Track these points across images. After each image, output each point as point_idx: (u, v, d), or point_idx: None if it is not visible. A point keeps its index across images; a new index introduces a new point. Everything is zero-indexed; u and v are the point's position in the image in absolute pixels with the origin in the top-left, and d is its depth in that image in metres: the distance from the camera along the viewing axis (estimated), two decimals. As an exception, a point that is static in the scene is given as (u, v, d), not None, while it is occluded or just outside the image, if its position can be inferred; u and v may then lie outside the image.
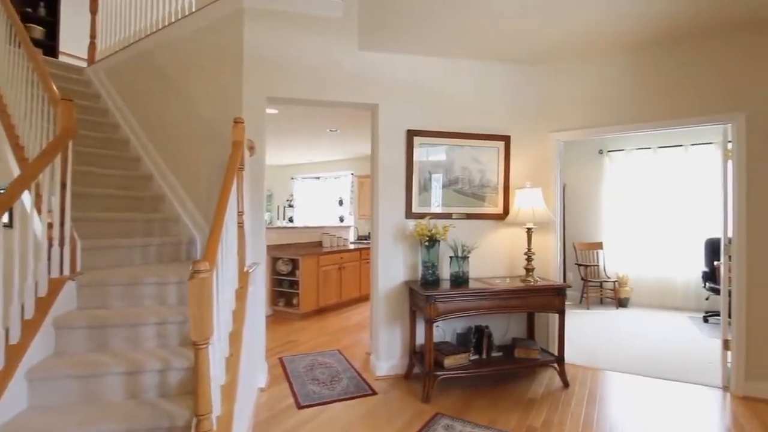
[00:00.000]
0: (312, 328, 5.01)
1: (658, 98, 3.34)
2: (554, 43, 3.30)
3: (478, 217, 3.62)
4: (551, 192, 3.70)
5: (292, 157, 8.72)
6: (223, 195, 2.10)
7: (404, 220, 3.47)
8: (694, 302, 5.93)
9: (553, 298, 3.23)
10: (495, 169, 3.67)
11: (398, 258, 3.47)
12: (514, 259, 3.70)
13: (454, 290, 3.04)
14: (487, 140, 3.64)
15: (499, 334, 3.65)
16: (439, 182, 3.55)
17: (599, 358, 3.89)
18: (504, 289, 3.12)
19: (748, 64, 3.07)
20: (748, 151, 3.06)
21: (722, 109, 3.14)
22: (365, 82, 3.42)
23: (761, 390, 3.00)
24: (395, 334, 3.47)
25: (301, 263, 5.31)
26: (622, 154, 6.49)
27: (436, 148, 3.54)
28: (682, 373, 3.50)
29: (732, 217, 3.16)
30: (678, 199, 6.08)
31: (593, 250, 6.49)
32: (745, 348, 3.06)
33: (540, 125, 3.75)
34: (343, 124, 5.75)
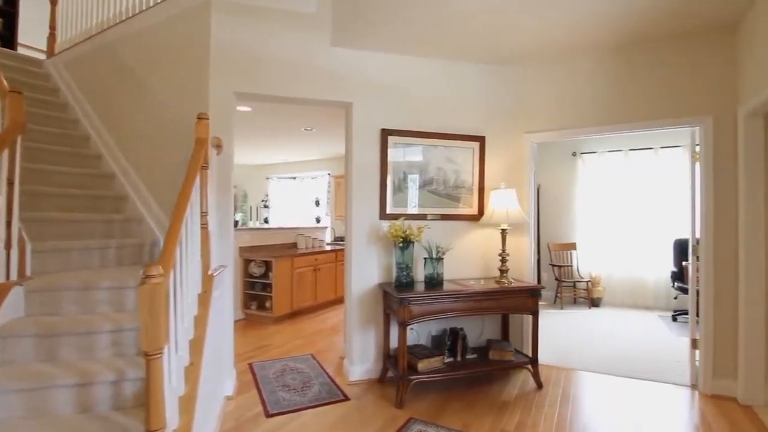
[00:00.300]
0: (285, 331, 4.88)
1: (629, 100, 3.38)
2: (527, 44, 3.30)
3: (452, 218, 3.59)
4: (525, 193, 3.70)
5: (267, 156, 8.55)
6: (183, 194, 1.99)
7: (378, 221, 3.40)
8: (664, 301, 6.08)
9: (527, 299, 3.22)
10: (470, 169, 3.64)
11: (372, 260, 3.40)
12: (488, 261, 3.68)
13: (429, 292, 2.99)
14: (462, 141, 3.61)
15: (474, 335, 3.62)
16: (413, 183, 3.50)
17: (572, 358, 3.92)
18: (478, 290, 3.09)
19: (716, 67, 3.13)
20: (715, 153, 3.12)
21: (691, 111, 3.20)
22: (338, 79, 3.34)
23: (728, 388, 3.06)
24: (369, 338, 3.40)
25: (274, 265, 5.18)
26: (594, 156, 6.60)
27: (411, 148, 3.49)
28: (653, 372, 3.55)
29: (699, 218, 3.22)
30: (648, 201, 6.22)
31: (567, 251, 6.58)
32: (712, 347, 3.12)
33: (514, 126, 3.75)
34: (318, 123, 5.65)
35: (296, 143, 7.10)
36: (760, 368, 2.92)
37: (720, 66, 3.12)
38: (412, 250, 3.21)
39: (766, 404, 2.91)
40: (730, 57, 3.09)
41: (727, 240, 3.08)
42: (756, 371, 2.92)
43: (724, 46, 3.10)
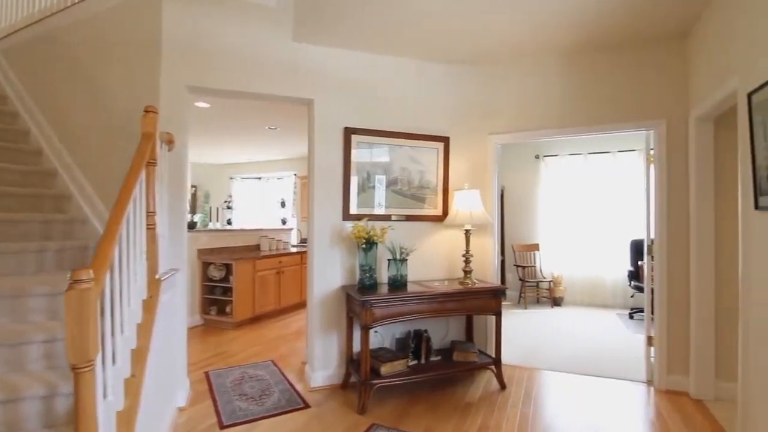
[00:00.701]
0: (246, 337, 4.70)
1: (589, 104, 3.45)
2: (491, 45, 3.31)
3: (417, 219, 3.55)
4: (489, 194, 3.71)
5: (230, 155, 8.28)
6: (124, 191, 1.83)
7: (342, 222, 3.32)
8: (621, 300, 6.29)
9: (491, 300, 3.22)
10: (434, 170, 3.62)
11: (335, 262, 3.30)
12: (453, 262, 3.67)
13: (392, 294, 2.93)
14: (426, 141, 3.58)
15: (439, 337, 3.59)
16: (378, 183, 3.43)
17: (535, 357, 3.96)
18: (442, 292, 3.06)
19: (669, 73, 3.24)
20: (669, 156, 3.23)
21: (646, 115, 3.29)
22: (300, 75, 3.23)
23: (681, 383, 3.16)
24: (331, 342, 3.30)
25: (235, 268, 4.99)
26: (556, 159, 6.76)
27: (375, 147, 3.43)
28: (611, 369, 3.63)
29: (654, 219, 3.31)
30: (606, 203, 6.43)
31: (530, 252, 6.70)
32: (666, 344, 3.21)
33: (479, 127, 3.75)
34: (282, 121, 5.50)
35: (260, 142, 6.90)
36: (710, 365, 3.02)
37: (673, 72, 3.23)
38: (375, 252, 3.15)
39: (715, 398, 3.02)
40: (683, 63, 3.20)
41: (680, 241, 3.19)
42: (706, 367, 3.03)
43: (677, 52, 3.21)
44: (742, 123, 2.22)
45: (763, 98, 1.96)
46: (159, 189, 2.43)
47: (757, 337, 2.11)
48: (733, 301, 3.00)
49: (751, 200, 2.14)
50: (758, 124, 2.02)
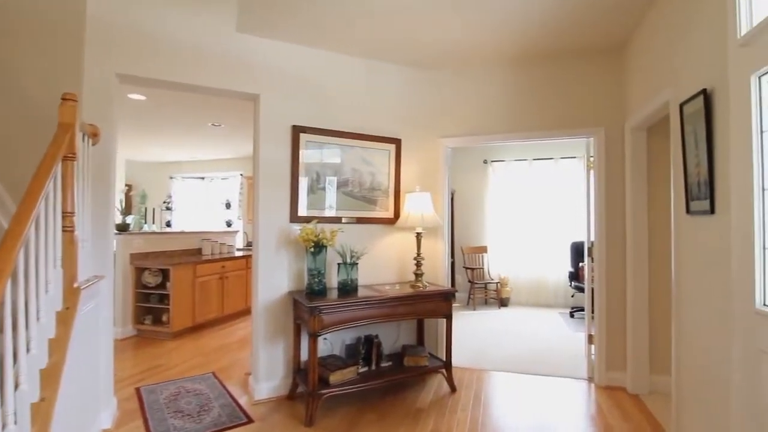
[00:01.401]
0: (185, 348, 4.38)
1: (535, 110, 3.55)
2: (439, 49, 3.32)
3: (368, 222, 3.47)
4: (440, 197, 3.71)
5: (170, 153, 7.77)
6: (32, 188, 1.60)
7: (289, 224, 3.16)
8: (563, 299, 6.58)
9: (441, 303, 3.20)
10: (386, 172, 3.56)
11: (282, 266, 3.14)
12: (404, 265, 3.62)
13: (342, 300, 2.82)
14: (378, 142, 3.52)
15: (390, 341, 3.53)
16: (327, 184, 3.32)
17: (484, 358, 4.00)
18: (393, 296, 2.99)
19: (608, 83, 3.40)
20: (607, 162, 3.39)
21: (587, 123, 3.44)
22: (245, 68, 3.05)
23: (619, 379, 3.31)
24: (277, 351, 3.13)
25: (172, 274, 4.64)
26: (503, 164, 6.97)
27: (325, 147, 3.31)
28: (555, 368, 3.75)
29: (593, 222, 3.46)
30: (549, 207, 6.71)
31: (479, 254, 6.85)
32: (605, 342, 3.36)
33: (430, 130, 3.75)
34: (227, 118, 5.22)
35: (203, 140, 6.52)
36: (644, 361, 3.19)
37: (611, 83, 3.40)
38: (324, 255, 3.03)
39: (650, 392, 3.19)
40: (620, 75, 3.38)
41: (618, 244, 3.35)
42: (641, 363, 3.19)
43: (615, 64, 3.38)
44: (675, 132, 2.35)
45: (694, 109, 2.07)
46: (79, 187, 2.17)
47: (689, 335, 2.23)
48: (665, 300, 3.19)
49: (683, 205, 2.26)
50: (689, 133, 2.14)
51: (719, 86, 1.89)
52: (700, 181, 2.05)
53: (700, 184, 2.05)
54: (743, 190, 1.69)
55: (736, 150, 1.73)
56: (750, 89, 1.66)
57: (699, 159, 2.05)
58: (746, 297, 1.68)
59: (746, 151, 1.67)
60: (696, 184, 2.09)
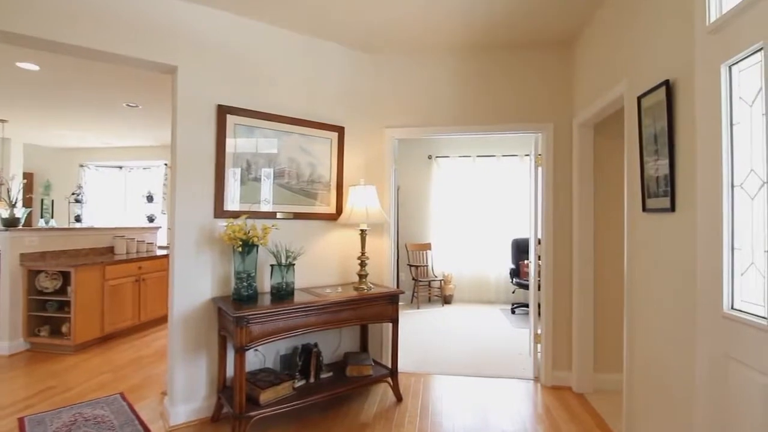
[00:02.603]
0: (90, 363, 3.76)
1: (484, 103, 3.40)
2: (383, 30, 3.04)
3: (307, 217, 3.12)
4: (386, 191, 3.45)
5: (79, 137, 6.81)
6: None
7: (213, 220, 2.73)
8: (504, 295, 6.63)
9: (387, 306, 2.94)
10: (327, 163, 3.23)
11: (204, 269, 2.71)
12: (347, 265, 3.32)
13: (275, 306, 2.46)
14: (319, 129, 3.17)
15: (331, 349, 3.22)
16: (260, 175, 2.92)
17: (429, 361, 3.82)
18: (334, 301, 2.69)
19: (557, 78, 3.32)
20: (555, 158, 3.31)
21: (536, 118, 3.34)
22: (160, 33, 2.57)
23: (565, 378, 3.26)
24: (199, 368, 2.70)
25: (74, 277, 3.97)
26: (448, 160, 6.88)
27: (258, 132, 2.91)
28: (501, 368, 3.65)
29: (540, 220, 3.38)
30: (491, 204, 6.73)
31: (423, 251, 6.71)
32: (551, 342, 3.29)
33: (375, 119, 3.47)
34: (145, 97, 4.57)
35: (118, 123, 5.74)
36: (589, 361, 3.16)
37: (560, 77, 3.32)
38: (255, 256, 2.64)
39: (594, 391, 3.17)
40: (569, 69, 3.31)
41: (564, 241, 3.29)
42: (586, 362, 3.16)
43: (565, 59, 3.31)
44: (631, 127, 2.27)
45: (654, 102, 1.97)
46: None
47: (643, 337, 2.15)
48: (610, 299, 3.18)
49: (638, 203, 2.17)
50: (647, 127, 2.05)
51: (683, 77, 1.78)
52: (659, 177, 1.96)
53: (658, 180, 1.96)
54: (710, 187, 1.59)
55: (703, 144, 1.63)
56: (720, 79, 1.55)
57: (659, 154, 1.95)
58: (712, 300, 1.58)
59: (714, 146, 1.57)
60: (654, 181, 2.00)
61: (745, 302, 1.47)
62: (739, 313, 1.46)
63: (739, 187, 1.50)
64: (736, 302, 1.50)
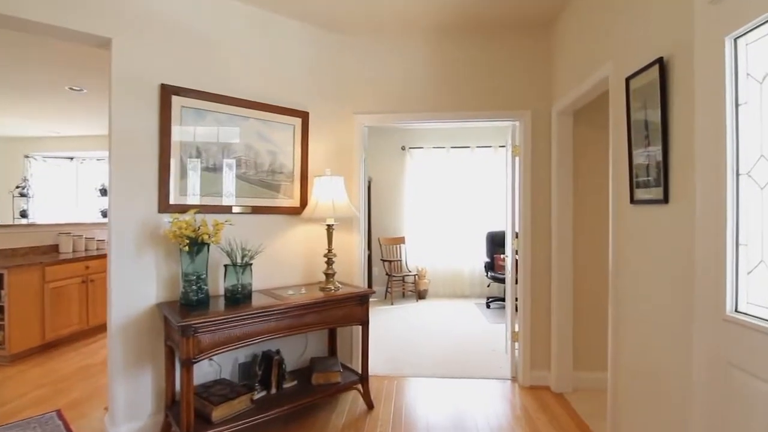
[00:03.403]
0: (26, 376, 3.37)
1: (459, 89, 3.19)
2: (355, 6, 2.77)
3: (268, 211, 2.84)
4: (356, 183, 3.20)
5: (21, 126, 6.22)
6: None
7: (157, 215, 2.42)
8: (479, 289, 6.52)
9: (356, 308, 2.71)
10: (290, 151, 2.95)
11: (147, 271, 2.39)
12: (313, 263, 3.06)
13: (229, 312, 2.19)
14: (280, 114, 2.88)
15: (295, 355, 2.96)
16: (212, 164, 2.62)
17: (403, 362, 3.62)
18: (298, 304, 2.43)
19: (536, 63, 3.14)
20: (533, 148, 3.14)
21: (513, 105, 3.16)
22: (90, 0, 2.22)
23: (543, 378, 3.12)
24: (143, 382, 2.39)
25: (8, 279, 3.54)
26: (421, 151, 6.68)
27: (210, 116, 2.60)
28: (477, 368, 3.49)
29: (518, 212, 3.21)
30: (465, 196, 6.57)
31: (397, 245, 6.51)
32: (530, 340, 3.14)
33: (343, 104, 3.20)
34: (90, 80, 4.13)
35: (63, 109, 5.23)
36: (568, 359, 3.03)
37: (539, 62, 3.14)
38: (206, 255, 2.35)
39: (574, 390, 3.04)
40: (548, 54, 3.14)
41: (543, 235, 3.13)
42: (566, 361, 3.03)
43: (543, 43, 3.14)
44: (617, 111, 2.10)
45: (645, 82, 1.80)
46: None
47: (631, 337, 2.01)
48: (589, 294, 3.05)
49: (626, 194, 2.01)
50: (637, 111, 1.87)
51: (679, 53, 1.61)
52: (649, 165, 1.79)
53: (649, 169, 1.79)
54: (712, 175, 1.42)
55: (704, 127, 1.46)
56: (723, 54, 1.37)
57: (649, 140, 1.78)
58: (712, 302, 1.42)
59: (717, 129, 1.40)
60: (644, 170, 1.83)
61: (752, 305, 1.31)
62: (745, 317, 1.30)
63: (746, 176, 1.33)
64: (740, 304, 1.35)
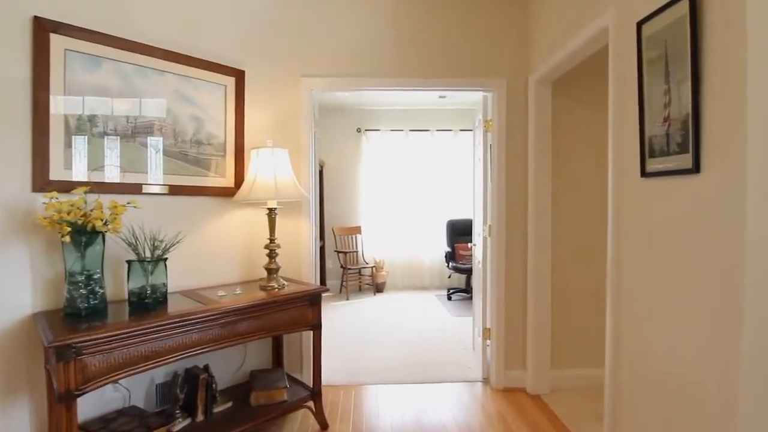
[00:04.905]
0: None
1: (425, 52, 2.76)
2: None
3: (192, 192, 2.26)
4: (304, 160, 2.69)
5: None
6: None
7: (32, 195, 1.79)
8: (439, 280, 6.21)
9: (305, 309, 2.22)
10: (221, 118, 2.38)
11: (17, 269, 1.76)
12: (252, 256, 2.53)
13: (133, 323, 1.63)
14: (208, 71, 2.31)
15: (231, 369, 2.44)
16: (112, 129, 2.01)
17: (361, 367, 3.18)
18: (230, 308, 1.90)
19: (513, 26, 2.78)
20: (508, 122, 2.78)
21: (487, 72, 2.78)
22: None
23: (518, 379, 2.80)
24: (17, 418, 1.77)
25: None
26: (378, 134, 6.22)
27: (108, 65, 1.98)
28: (444, 369, 3.12)
29: (490, 196, 2.86)
30: (424, 182, 6.21)
31: (352, 235, 6.04)
32: (504, 336, 2.81)
33: (289, 64, 2.67)
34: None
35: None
36: (546, 357, 2.73)
37: (517, 25, 2.78)
38: (101, 248, 1.76)
39: (551, 391, 2.75)
40: (525, 12, 2.78)
41: (519, 221, 2.79)
42: (543, 360, 2.73)
43: (521, 2, 2.77)
44: (622, 65, 1.75)
45: (666, 23, 1.45)
46: None
47: (632, 324, 1.69)
48: (568, 285, 2.76)
49: (633, 166, 1.67)
50: (653, 62, 1.52)
51: (720, -21, 1.25)
52: (670, 128, 1.44)
53: (670, 132, 1.44)
54: (775, 130, 1.08)
55: (760, 71, 1.11)
56: (796, -34, 1.02)
57: (671, 96, 1.43)
58: (773, 297, 1.09)
59: (784, 68, 1.05)
60: (663, 134, 1.48)
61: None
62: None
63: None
64: (818, 300, 1.01)
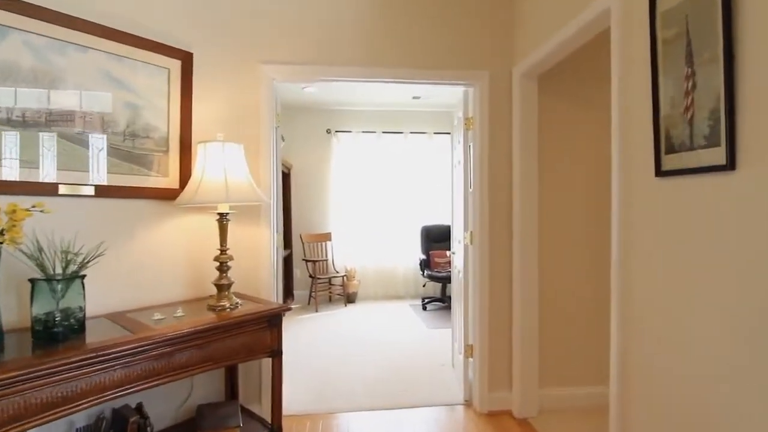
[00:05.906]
0: None
1: (400, 39, 2.49)
2: None
3: (125, 194, 1.89)
4: (263, 159, 2.35)
5: None
6: None
7: None
8: (413, 289, 5.94)
9: (263, 333, 1.89)
10: (164, 107, 2.02)
11: None
12: (201, 271, 2.17)
13: (35, 361, 1.26)
14: (146, 50, 1.95)
15: (174, 403, 2.06)
16: (20, 116, 1.62)
17: (330, 391, 2.85)
18: (165, 337, 1.54)
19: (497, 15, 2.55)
20: (491, 119, 2.55)
21: (469, 64, 2.54)
22: None
23: (503, 400, 2.54)
24: None
25: None
26: (349, 135, 5.92)
27: (15, 36, 1.60)
28: (422, 390, 2.84)
29: (471, 199, 2.61)
30: (397, 187, 5.94)
31: (322, 242, 5.69)
32: (487, 354, 2.55)
33: (246, 49, 2.33)
34: None
35: None
36: (533, 375, 2.49)
37: (501, 11, 2.56)
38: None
39: (539, 413, 2.51)
40: (509, 5, 2.57)
41: (502, 227, 2.55)
42: (531, 379, 2.49)
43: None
44: (627, 51, 1.53)
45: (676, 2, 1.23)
46: None
47: (641, 339, 1.46)
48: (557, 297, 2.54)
49: (645, 164, 1.44)
50: (670, 42, 1.30)
51: (763, -65, 1.04)
52: (694, 118, 1.22)
53: (694, 123, 1.22)
54: None
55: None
56: None
57: (697, 80, 1.21)
58: None
59: None
60: (684, 125, 1.26)
61: None
62: None
63: None
64: None
